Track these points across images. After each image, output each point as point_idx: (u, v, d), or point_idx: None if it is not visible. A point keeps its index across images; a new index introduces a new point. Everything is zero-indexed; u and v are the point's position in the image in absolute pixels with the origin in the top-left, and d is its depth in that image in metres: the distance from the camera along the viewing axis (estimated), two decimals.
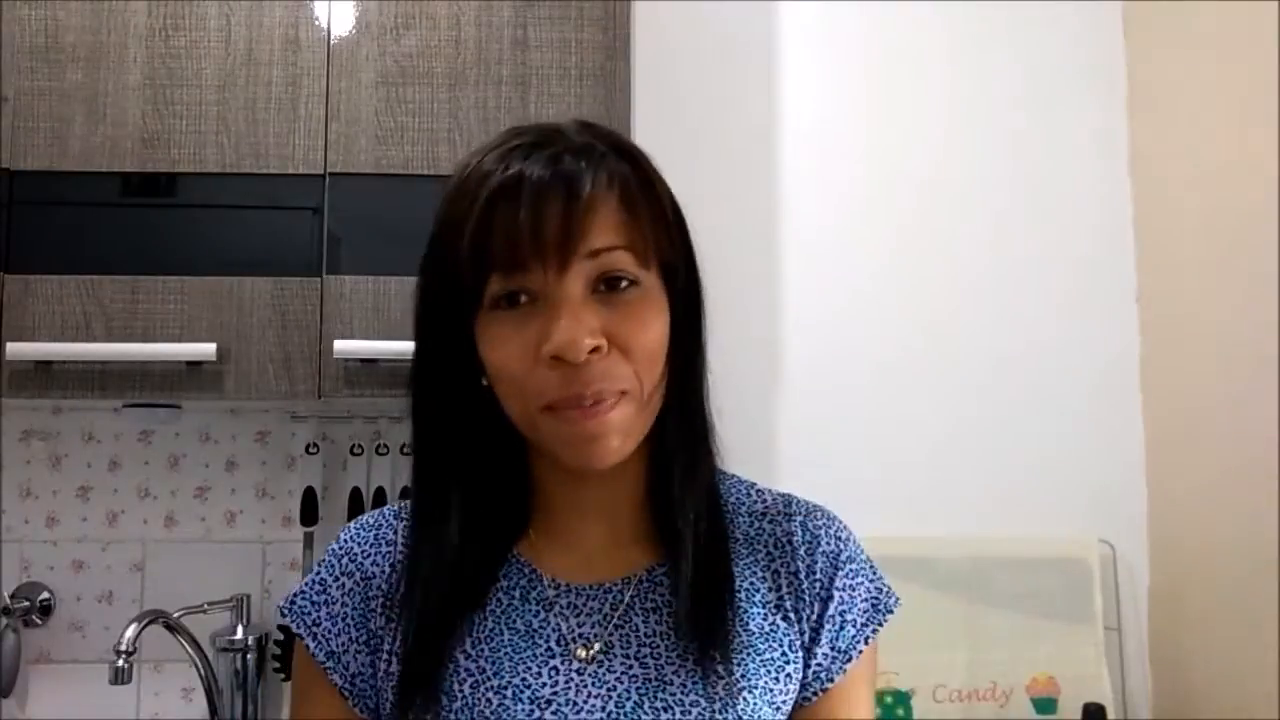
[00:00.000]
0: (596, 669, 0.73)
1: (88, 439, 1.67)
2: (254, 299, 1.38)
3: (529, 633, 0.74)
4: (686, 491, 0.76)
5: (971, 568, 1.61)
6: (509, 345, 0.69)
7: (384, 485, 1.63)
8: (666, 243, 0.73)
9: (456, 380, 0.74)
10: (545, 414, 0.69)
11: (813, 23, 1.74)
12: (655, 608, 0.76)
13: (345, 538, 0.81)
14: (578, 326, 0.67)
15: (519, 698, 0.71)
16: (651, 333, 0.70)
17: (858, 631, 0.78)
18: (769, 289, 1.69)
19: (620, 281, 0.70)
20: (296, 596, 0.79)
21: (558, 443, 0.71)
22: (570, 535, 0.78)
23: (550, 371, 0.68)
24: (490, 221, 0.68)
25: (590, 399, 0.68)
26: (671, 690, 0.72)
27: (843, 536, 0.81)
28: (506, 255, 0.68)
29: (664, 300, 0.72)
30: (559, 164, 0.69)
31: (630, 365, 0.69)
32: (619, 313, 0.69)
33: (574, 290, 0.68)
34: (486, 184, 0.70)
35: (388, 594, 0.77)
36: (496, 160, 0.71)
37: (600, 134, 0.75)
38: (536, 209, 0.67)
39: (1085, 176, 1.73)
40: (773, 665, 0.75)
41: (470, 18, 1.43)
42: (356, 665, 0.76)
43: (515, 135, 0.73)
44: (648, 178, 0.74)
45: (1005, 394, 1.68)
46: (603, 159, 0.71)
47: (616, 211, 0.70)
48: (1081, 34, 1.74)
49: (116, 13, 1.40)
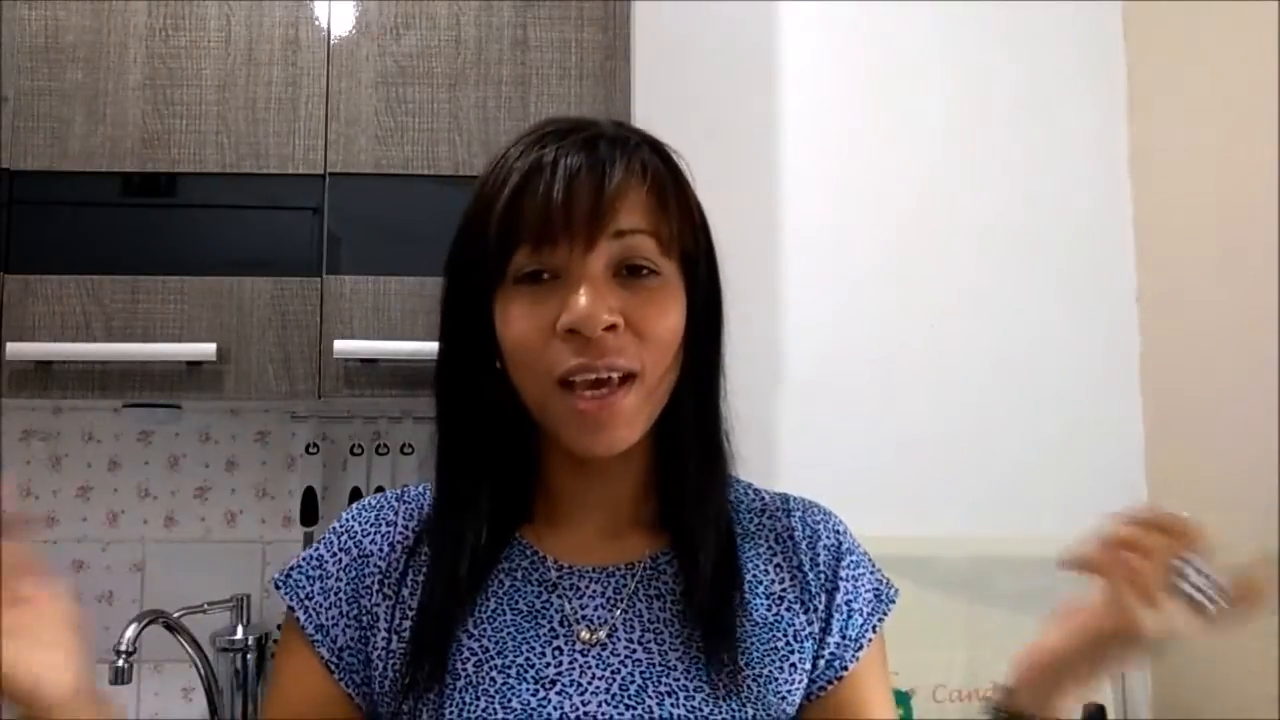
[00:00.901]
0: (600, 651, 0.74)
1: (88, 439, 1.67)
2: (254, 299, 1.38)
3: (531, 613, 0.75)
4: (703, 486, 0.77)
5: (971, 568, 1.61)
6: (528, 319, 0.71)
7: (384, 485, 1.63)
8: (690, 238, 0.75)
9: (477, 363, 0.75)
10: (557, 392, 0.70)
11: (813, 22, 1.74)
12: (659, 594, 0.77)
13: (346, 517, 0.82)
14: (597, 300, 0.68)
15: (523, 677, 0.72)
16: (668, 320, 0.72)
17: (865, 620, 0.80)
18: (769, 289, 1.69)
19: (642, 269, 0.71)
20: (292, 570, 0.80)
21: (565, 425, 0.72)
22: (572, 521, 0.79)
23: (564, 344, 0.69)
24: (522, 196, 0.70)
25: (602, 370, 0.69)
26: (675, 675, 0.73)
27: (840, 530, 0.83)
28: (537, 229, 0.70)
29: (682, 292, 0.74)
30: (594, 149, 0.72)
31: (643, 349, 0.70)
32: (638, 297, 0.71)
33: (596, 268, 0.70)
34: (520, 163, 0.72)
35: (384, 572, 0.78)
36: (531, 144, 0.73)
37: (634, 130, 0.78)
38: (569, 187, 0.69)
39: (1085, 176, 1.73)
40: (777, 654, 0.76)
41: (470, 18, 1.43)
42: (345, 639, 0.77)
43: (550, 123, 0.76)
44: (678, 174, 0.76)
45: (1005, 393, 1.68)
46: (636, 149, 0.74)
47: (645, 199, 0.72)
48: (1081, 34, 1.74)
49: (116, 13, 1.40)
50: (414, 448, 1.65)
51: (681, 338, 0.73)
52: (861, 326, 1.69)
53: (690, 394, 0.76)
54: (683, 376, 0.75)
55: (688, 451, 0.77)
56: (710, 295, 0.78)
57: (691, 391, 0.76)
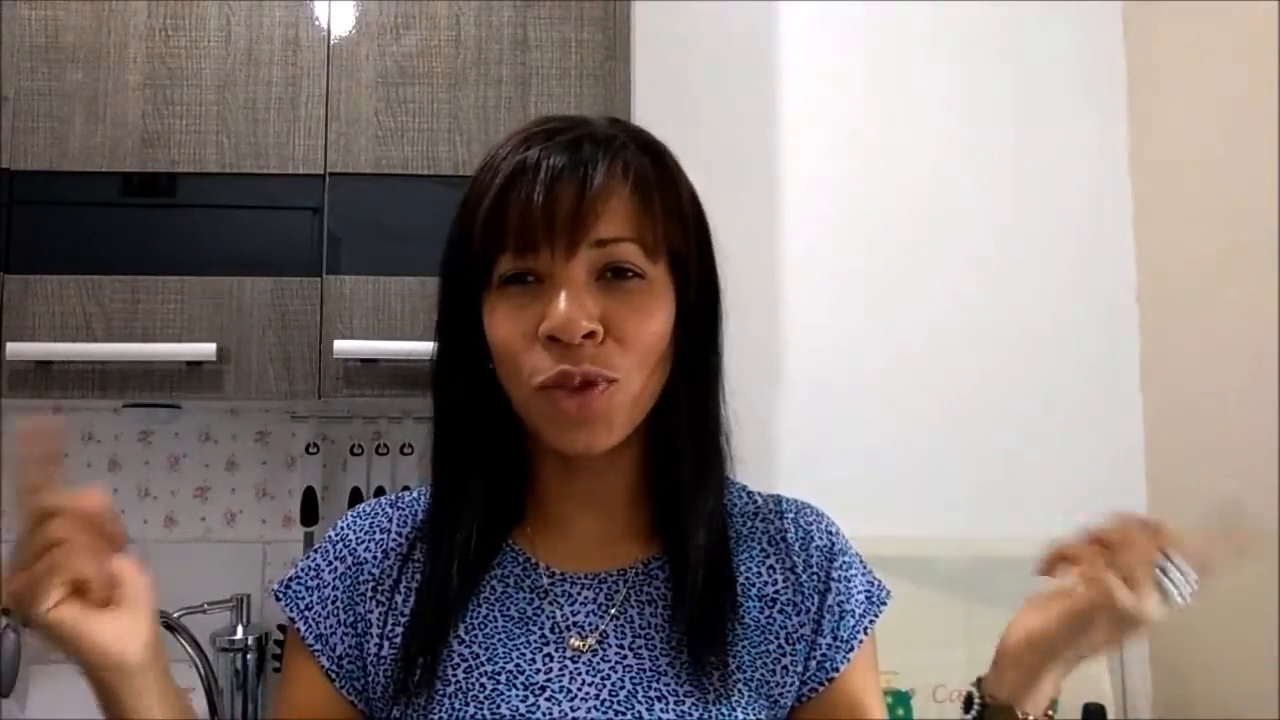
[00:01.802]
0: (590, 658, 0.74)
1: (88, 439, 1.67)
2: (254, 299, 1.38)
3: (523, 620, 0.75)
4: (698, 491, 0.76)
5: (971, 568, 1.61)
6: (511, 323, 0.70)
7: (384, 485, 1.63)
8: (680, 238, 0.74)
9: (470, 363, 0.75)
10: (537, 394, 0.70)
11: (813, 23, 1.74)
12: (650, 600, 0.76)
13: (342, 525, 0.82)
14: (576, 308, 0.68)
15: (513, 683, 0.72)
16: (652, 325, 0.71)
17: (857, 621, 0.79)
18: (769, 289, 1.69)
19: (626, 273, 0.71)
20: (291, 580, 0.80)
21: (546, 425, 0.71)
22: (565, 526, 0.79)
23: (545, 351, 0.69)
24: (505, 201, 0.70)
25: (579, 378, 0.68)
26: (665, 681, 0.73)
27: (833, 531, 0.83)
28: (518, 234, 0.69)
29: (670, 295, 0.73)
30: (578, 151, 0.71)
31: (625, 356, 0.70)
32: (620, 302, 0.70)
33: (577, 274, 0.69)
34: (505, 165, 0.71)
35: (378, 579, 0.78)
36: (519, 144, 0.73)
37: (626, 128, 0.76)
38: (550, 192, 0.69)
39: (1085, 177, 1.72)
40: (769, 657, 0.76)
41: (470, 18, 1.43)
42: (343, 647, 0.77)
43: (542, 123, 0.75)
44: (667, 172, 0.75)
45: (1005, 394, 1.68)
46: (622, 149, 0.72)
47: (628, 202, 0.71)
48: (1081, 34, 1.74)
49: (116, 13, 1.40)
50: (414, 448, 1.64)
51: (669, 340, 0.72)
52: (861, 327, 1.69)
53: (685, 395, 0.75)
54: (676, 378, 0.74)
55: (682, 455, 0.76)
56: (705, 293, 0.76)
57: (686, 393, 0.75)
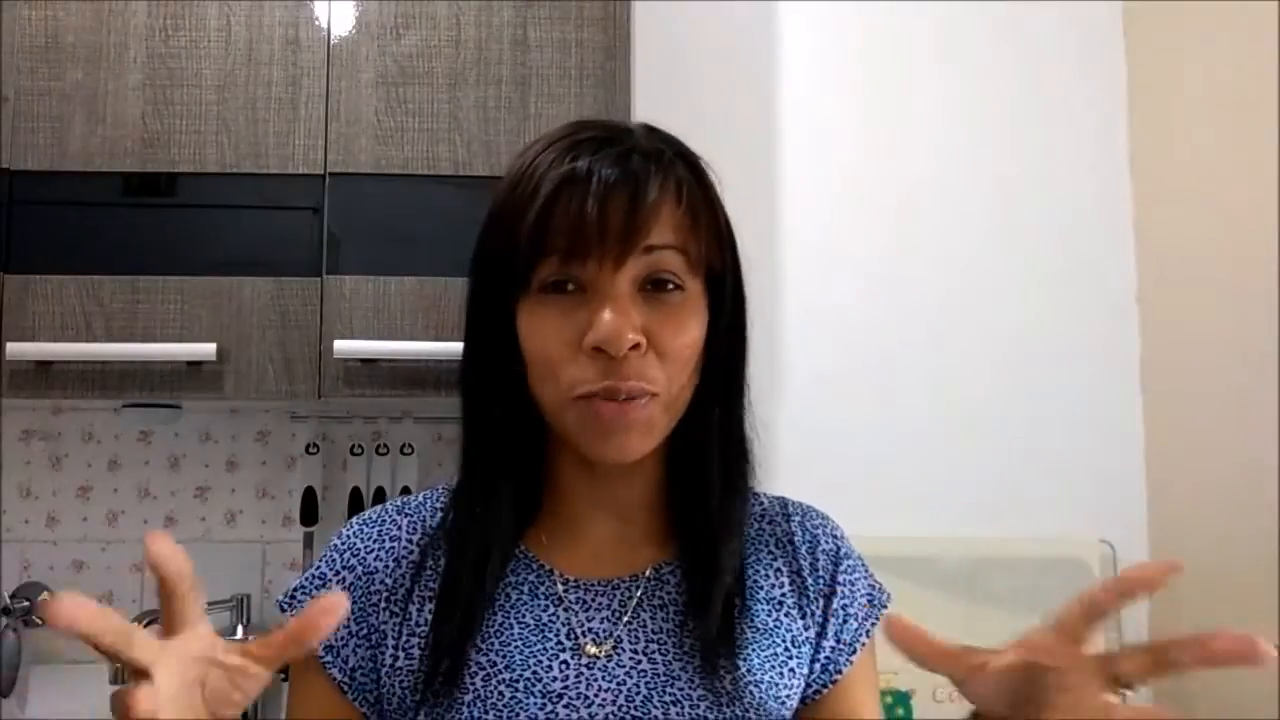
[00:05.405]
0: (606, 663, 0.74)
1: (88, 439, 1.67)
2: (254, 299, 1.38)
3: (539, 627, 0.75)
4: (729, 498, 0.77)
5: (971, 568, 1.61)
6: (552, 331, 0.71)
7: (384, 485, 1.63)
8: (718, 257, 0.75)
9: (500, 368, 0.75)
10: (576, 402, 0.71)
11: (813, 23, 1.74)
12: (663, 604, 0.77)
13: (348, 533, 0.81)
14: (623, 321, 0.68)
15: (531, 691, 0.72)
16: (687, 337, 0.72)
17: (859, 625, 0.80)
18: (769, 289, 1.69)
19: (667, 284, 0.71)
20: (297, 591, 0.79)
21: (583, 433, 0.72)
22: (580, 531, 0.79)
23: (590, 361, 0.69)
24: (554, 208, 0.70)
25: (624, 394, 0.69)
26: (679, 685, 0.73)
27: (838, 534, 0.84)
28: (568, 241, 0.69)
29: (703, 309, 0.74)
30: (628, 163, 0.71)
31: (663, 368, 0.71)
32: (660, 314, 0.71)
33: (623, 285, 0.70)
34: (553, 172, 0.71)
35: (391, 589, 0.77)
36: (563, 151, 0.72)
37: (667, 140, 0.77)
38: (603, 202, 0.69)
39: (1085, 176, 1.72)
40: (777, 660, 0.76)
41: (470, 18, 1.43)
42: (356, 659, 0.76)
43: (581, 129, 0.75)
44: (709, 190, 0.76)
45: (1005, 394, 1.68)
46: (671, 164, 0.73)
47: (675, 215, 0.72)
48: (1081, 34, 1.74)
49: (116, 13, 1.40)
50: (414, 448, 1.65)
51: (700, 351, 0.74)
52: (861, 326, 1.69)
53: (713, 406, 0.77)
54: (705, 389, 0.76)
55: (710, 464, 0.77)
56: (735, 312, 0.78)
57: (714, 404, 0.77)
